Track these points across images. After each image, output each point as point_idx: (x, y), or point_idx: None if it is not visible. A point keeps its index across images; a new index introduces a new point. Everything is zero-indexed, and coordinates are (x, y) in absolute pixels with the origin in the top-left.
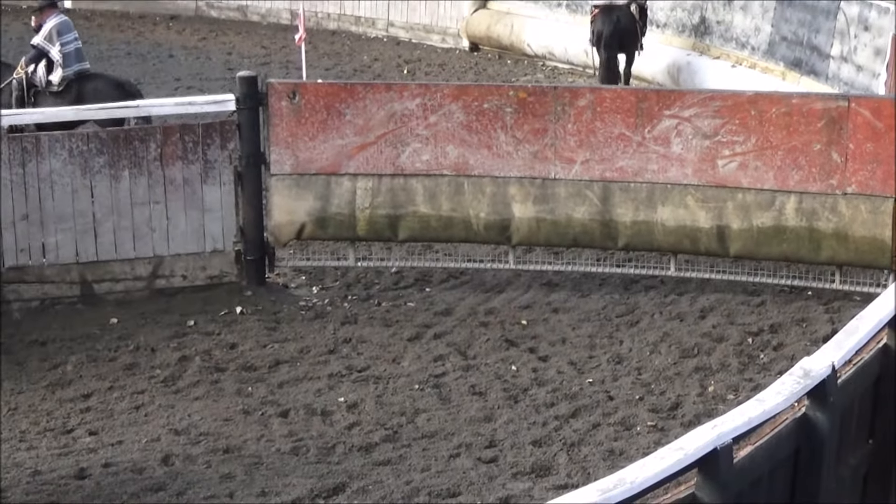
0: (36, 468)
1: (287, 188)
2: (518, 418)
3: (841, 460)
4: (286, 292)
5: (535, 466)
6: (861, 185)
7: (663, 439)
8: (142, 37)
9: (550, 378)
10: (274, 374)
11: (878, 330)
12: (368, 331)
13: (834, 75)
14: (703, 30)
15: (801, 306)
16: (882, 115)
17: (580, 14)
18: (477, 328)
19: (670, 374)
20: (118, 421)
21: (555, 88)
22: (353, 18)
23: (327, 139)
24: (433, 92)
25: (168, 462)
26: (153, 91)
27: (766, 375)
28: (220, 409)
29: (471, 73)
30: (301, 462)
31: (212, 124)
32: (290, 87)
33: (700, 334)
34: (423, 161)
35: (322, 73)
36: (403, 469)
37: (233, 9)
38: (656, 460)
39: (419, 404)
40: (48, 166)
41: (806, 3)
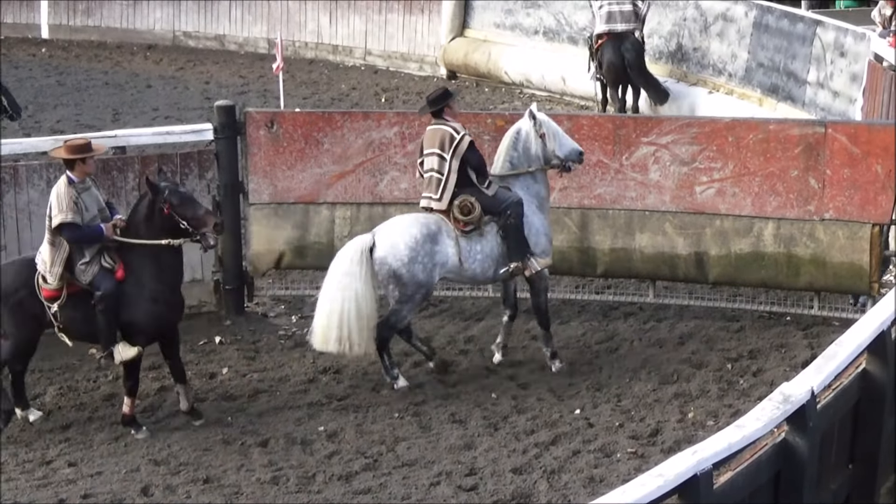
0: (15, 500)
1: (265, 217)
2: (498, 446)
3: (821, 485)
4: (265, 321)
5: (516, 494)
6: (839, 210)
7: (643, 466)
8: (119, 66)
9: (530, 405)
10: (253, 404)
11: (857, 355)
12: (348, 360)
13: (811, 101)
14: (680, 56)
15: (780, 332)
16: (859, 141)
17: (557, 42)
18: (457, 356)
19: (650, 401)
20: (97, 452)
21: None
22: (331, 47)
23: (305, 168)
24: (411, 120)
25: (148, 493)
26: (131, 121)
27: (746, 401)
28: (199, 439)
29: None
30: (281, 491)
31: (190, 154)
32: (267, 116)
33: (679, 360)
34: (401, 189)
35: (300, 102)
36: (384, 497)
37: (210, 38)
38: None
39: (399, 433)
40: (26, 197)
41: (782, 29)
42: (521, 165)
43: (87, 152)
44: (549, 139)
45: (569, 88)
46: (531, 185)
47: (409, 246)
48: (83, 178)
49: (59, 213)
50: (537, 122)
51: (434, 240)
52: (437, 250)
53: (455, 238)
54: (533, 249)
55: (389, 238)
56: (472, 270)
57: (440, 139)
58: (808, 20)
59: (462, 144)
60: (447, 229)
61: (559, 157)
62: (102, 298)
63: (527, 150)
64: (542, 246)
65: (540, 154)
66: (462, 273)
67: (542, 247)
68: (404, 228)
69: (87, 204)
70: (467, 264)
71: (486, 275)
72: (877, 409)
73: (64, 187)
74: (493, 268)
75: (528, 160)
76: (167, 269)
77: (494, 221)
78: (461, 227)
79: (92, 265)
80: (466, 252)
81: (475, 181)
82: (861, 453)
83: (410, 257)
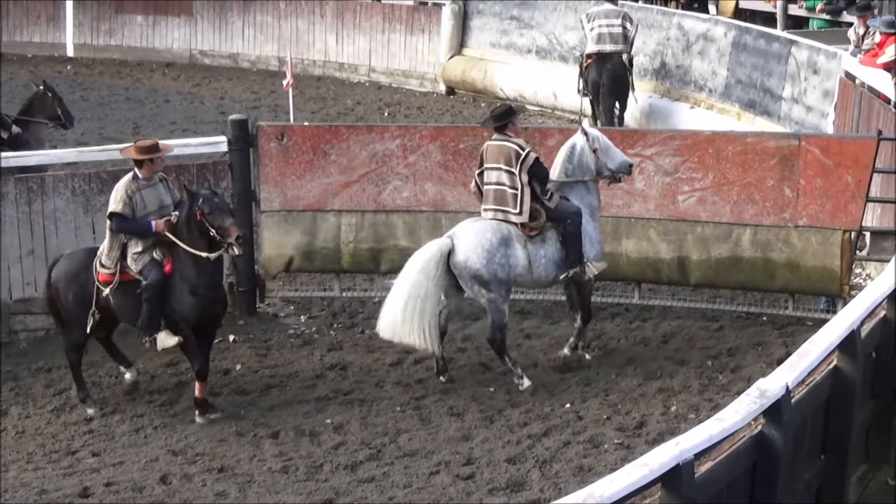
0: (42, 487)
1: (276, 224)
2: (493, 437)
3: (795, 475)
4: (276, 321)
5: (510, 482)
6: (812, 218)
7: (629, 456)
8: (139, 83)
9: (523, 399)
10: (265, 398)
11: (829, 353)
12: (353, 357)
13: (786, 115)
14: (664, 74)
15: (757, 331)
16: (830, 153)
17: (549, 60)
18: (455, 353)
19: (635, 395)
20: (119, 443)
21: (525, 129)
22: (337, 65)
23: (313, 178)
24: (412, 133)
25: (166, 481)
26: (150, 133)
27: (725, 396)
28: (214, 431)
29: (447, 115)
30: (291, 480)
31: (205, 164)
32: (278, 129)
33: (663, 358)
34: (403, 198)
35: (308, 117)
36: (386, 486)
37: (224, 56)
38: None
39: (401, 425)
40: (52, 205)
41: (759, 48)
42: (575, 176)
43: (154, 153)
44: (601, 153)
45: (560, 104)
46: (584, 195)
47: (486, 249)
48: (150, 176)
49: (112, 203)
50: (590, 138)
51: (507, 243)
52: (510, 253)
53: (524, 243)
54: (587, 255)
55: (468, 242)
56: (538, 273)
57: (506, 154)
58: (784, 40)
59: (528, 159)
60: (517, 235)
61: (610, 170)
62: (147, 288)
63: (581, 162)
64: (596, 251)
65: (592, 166)
66: (530, 275)
67: (596, 252)
68: (480, 233)
69: (146, 200)
70: (534, 267)
71: (549, 278)
72: (847, 403)
73: (125, 181)
74: (555, 272)
75: (581, 172)
76: (208, 266)
77: (554, 229)
78: (528, 233)
79: (143, 256)
80: (534, 256)
81: (539, 193)
82: (832, 445)
83: (488, 259)
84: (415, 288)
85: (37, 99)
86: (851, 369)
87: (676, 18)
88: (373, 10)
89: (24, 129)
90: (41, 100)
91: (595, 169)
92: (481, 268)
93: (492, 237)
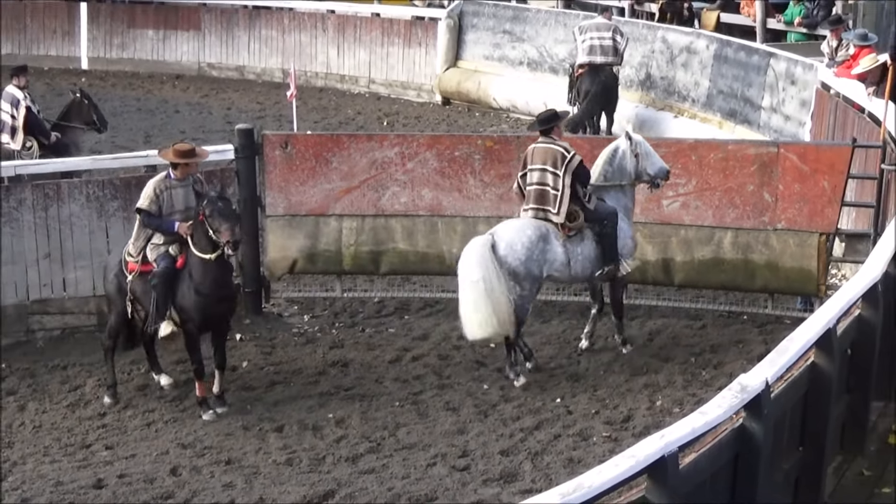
0: (58, 479)
1: (281, 228)
2: (488, 431)
3: (775, 466)
4: (280, 320)
5: (503, 474)
6: (790, 221)
7: (617, 448)
8: (150, 94)
9: (516, 395)
10: (270, 394)
11: (807, 349)
12: (354, 354)
13: (765, 124)
14: (649, 85)
15: (738, 329)
16: (807, 160)
17: (539, 72)
18: (451, 351)
19: (622, 391)
20: (131, 436)
21: (518, 137)
22: (339, 77)
23: (316, 184)
24: (410, 141)
25: (176, 473)
26: (161, 142)
27: (708, 391)
28: (222, 426)
29: (443, 124)
30: (295, 472)
31: (213, 171)
32: (282, 138)
33: (649, 355)
34: (401, 203)
35: (311, 126)
36: (386, 477)
37: (231, 69)
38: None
39: (400, 419)
40: (68, 210)
41: (739, 60)
42: (613, 179)
43: (190, 157)
44: (642, 158)
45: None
46: (620, 197)
47: (525, 246)
48: (183, 177)
49: (141, 199)
50: (633, 143)
51: (546, 240)
52: (548, 249)
53: (562, 241)
54: (622, 253)
55: (508, 239)
56: (575, 270)
57: (552, 157)
58: (763, 52)
59: (573, 162)
60: (555, 233)
61: (649, 175)
62: (155, 275)
63: (621, 166)
64: (629, 250)
65: (632, 171)
66: (567, 271)
67: (629, 250)
68: (521, 230)
69: (174, 199)
70: (572, 264)
71: (585, 274)
72: (824, 397)
73: (155, 179)
74: (591, 269)
75: (621, 175)
76: (212, 266)
77: (591, 228)
78: (566, 232)
79: (160, 248)
80: (572, 253)
81: (580, 194)
82: (810, 437)
83: (527, 256)
84: (475, 285)
85: (74, 105)
86: (828, 365)
87: (661, 32)
88: (372, 25)
89: (63, 135)
90: (78, 106)
91: (634, 173)
92: (519, 264)
93: (531, 234)
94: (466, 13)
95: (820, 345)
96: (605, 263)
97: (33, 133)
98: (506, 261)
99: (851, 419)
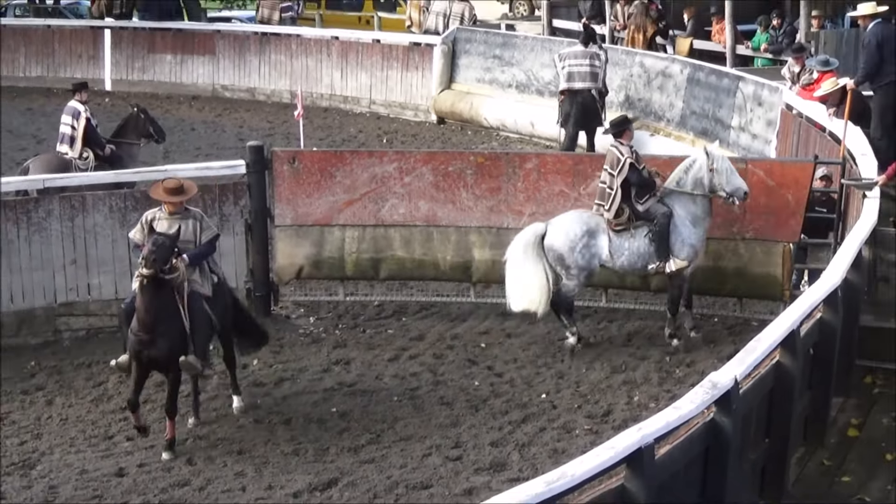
0: (83, 468)
1: (288, 237)
2: (479, 424)
3: (743, 456)
4: (288, 322)
5: (493, 463)
6: (757, 231)
7: (598, 440)
8: (168, 113)
9: (505, 391)
10: (278, 389)
11: (772, 349)
12: (356, 353)
13: (734, 142)
14: (628, 105)
15: (709, 330)
16: (773, 175)
17: (527, 94)
18: (445, 350)
19: (603, 387)
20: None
21: (507, 154)
22: (342, 98)
23: (321, 196)
24: (407, 158)
25: (192, 462)
26: (178, 158)
27: (681, 387)
28: (234, 418)
29: (438, 141)
30: (301, 461)
31: (226, 185)
32: (290, 154)
33: (627, 354)
34: (399, 214)
35: (316, 143)
36: (385, 466)
37: (243, 90)
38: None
39: (397, 413)
40: (92, 220)
41: (710, 83)
42: (685, 188)
43: (174, 195)
44: (717, 174)
45: (536, 132)
46: (689, 204)
47: (570, 238)
48: (173, 212)
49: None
50: (710, 158)
51: (592, 235)
52: (594, 243)
53: (608, 235)
54: (677, 254)
55: (558, 229)
56: (620, 262)
57: (611, 159)
58: (732, 76)
59: (625, 167)
60: (604, 228)
61: (726, 191)
62: (121, 308)
63: (695, 177)
64: (686, 252)
65: (705, 183)
66: (613, 263)
67: (686, 253)
68: (571, 223)
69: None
70: (615, 257)
71: (634, 267)
72: (788, 393)
73: (151, 210)
74: (640, 263)
75: (693, 185)
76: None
77: (644, 226)
78: (613, 227)
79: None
80: (616, 247)
81: (633, 195)
82: (775, 430)
83: (570, 247)
84: (518, 267)
85: (131, 119)
86: (792, 364)
87: (638, 57)
88: (373, 50)
89: (117, 148)
90: (135, 120)
91: (707, 186)
92: (564, 253)
93: (578, 228)
94: (460, 40)
95: (785, 345)
96: (655, 259)
97: (90, 144)
98: (551, 248)
99: (813, 413)
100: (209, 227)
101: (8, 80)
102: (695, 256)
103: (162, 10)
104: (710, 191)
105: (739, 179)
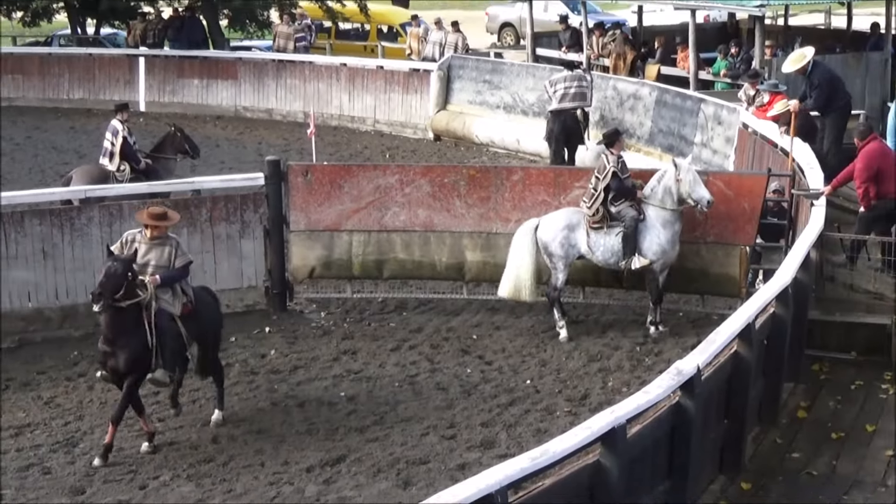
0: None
1: (302, 241)
2: (471, 406)
3: (704, 435)
4: (302, 316)
5: (483, 441)
6: (717, 236)
7: (576, 421)
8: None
9: (494, 377)
10: (293, 376)
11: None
12: (362, 344)
13: (697, 157)
14: (603, 124)
15: (675, 324)
16: (732, 186)
17: (513, 114)
18: (441, 342)
19: (581, 374)
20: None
21: (495, 168)
22: (350, 117)
23: (331, 205)
24: (407, 171)
25: (216, 441)
26: (204, 171)
27: (650, 374)
28: (254, 402)
29: (435, 156)
30: (314, 440)
31: (247, 195)
32: (304, 167)
33: (602, 344)
34: (400, 221)
35: (327, 158)
36: (388, 444)
37: (262, 111)
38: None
39: (399, 397)
40: (128, 226)
41: (676, 104)
42: (656, 195)
43: (158, 221)
44: (684, 184)
45: (522, 147)
46: (659, 210)
47: (553, 230)
48: (153, 238)
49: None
50: (678, 169)
51: (573, 229)
52: (573, 236)
53: (587, 231)
54: (644, 253)
55: (546, 223)
56: (597, 256)
57: (600, 166)
58: (695, 98)
59: (608, 175)
60: (584, 224)
61: (692, 199)
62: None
63: (665, 186)
64: (652, 252)
65: (674, 192)
66: (593, 256)
67: (653, 253)
68: (557, 218)
69: (140, 252)
70: (594, 250)
71: (609, 262)
72: (744, 380)
73: (134, 230)
74: (613, 259)
75: (663, 192)
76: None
77: (616, 227)
78: (591, 224)
79: None
80: (593, 242)
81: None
82: (733, 412)
83: (553, 237)
84: (515, 257)
85: (168, 137)
86: (748, 353)
87: (612, 81)
88: (377, 75)
89: (155, 162)
90: (172, 138)
91: (677, 195)
92: (549, 242)
93: (562, 223)
94: (454, 66)
95: (742, 336)
96: (624, 257)
97: (126, 159)
98: (540, 240)
99: (767, 397)
100: (184, 254)
101: (53, 102)
102: (662, 256)
103: (190, 40)
104: (677, 198)
105: (704, 189)
